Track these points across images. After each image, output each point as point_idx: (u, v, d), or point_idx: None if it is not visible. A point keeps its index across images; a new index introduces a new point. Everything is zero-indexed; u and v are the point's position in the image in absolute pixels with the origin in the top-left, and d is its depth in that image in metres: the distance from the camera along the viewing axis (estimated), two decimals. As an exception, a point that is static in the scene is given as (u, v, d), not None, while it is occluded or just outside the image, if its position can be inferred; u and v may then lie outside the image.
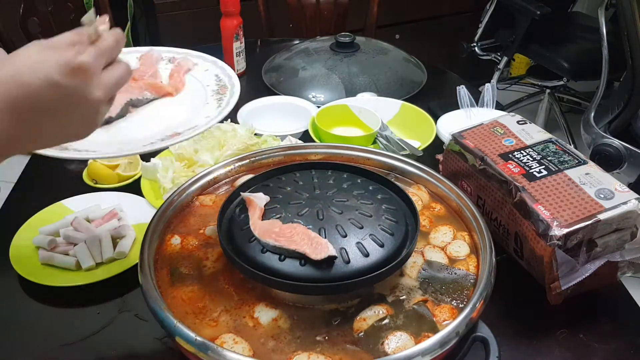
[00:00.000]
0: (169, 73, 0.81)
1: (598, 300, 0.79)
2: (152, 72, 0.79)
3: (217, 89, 0.78)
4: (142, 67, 0.80)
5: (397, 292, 0.65)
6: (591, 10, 2.80)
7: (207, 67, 0.83)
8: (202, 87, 0.79)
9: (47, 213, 0.91)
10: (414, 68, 1.42)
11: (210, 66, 0.83)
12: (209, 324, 0.61)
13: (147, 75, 0.78)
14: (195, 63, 0.84)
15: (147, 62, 0.81)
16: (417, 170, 0.81)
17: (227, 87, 0.78)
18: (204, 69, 0.83)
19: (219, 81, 0.80)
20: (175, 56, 0.84)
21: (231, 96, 0.76)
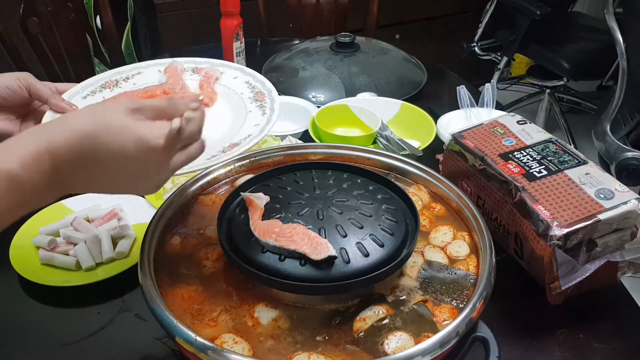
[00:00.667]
0: (196, 84, 0.80)
1: (598, 300, 0.79)
2: (181, 84, 0.78)
3: (253, 96, 0.77)
4: (170, 80, 0.79)
5: (397, 292, 0.65)
6: (591, 10, 2.81)
7: (235, 74, 0.82)
8: (237, 95, 0.78)
9: (47, 213, 0.91)
10: (414, 68, 1.42)
11: (239, 74, 0.82)
12: (208, 324, 0.61)
13: (177, 87, 0.77)
14: (222, 72, 0.82)
15: (172, 74, 0.80)
16: (417, 170, 0.81)
17: (263, 93, 0.77)
18: (232, 77, 0.82)
19: (253, 88, 0.79)
20: (198, 66, 0.83)
21: (272, 102, 0.75)
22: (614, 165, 1.70)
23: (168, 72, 0.80)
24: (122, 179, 0.52)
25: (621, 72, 1.76)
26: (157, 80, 0.79)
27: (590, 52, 2.31)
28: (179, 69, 0.80)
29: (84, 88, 0.76)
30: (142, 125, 0.50)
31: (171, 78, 0.78)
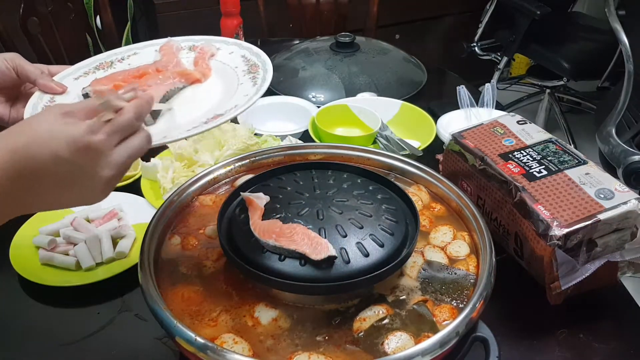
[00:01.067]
0: (192, 61, 0.79)
1: (598, 300, 0.79)
2: (175, 61, 0.76)
3: (247, 68, 0.76)
4: (164, 58, 0.77)
5: (397, 292, 0.65)
6: (591, 10, 2.81)
7: (231, 49, 0.80)
8: (231, 69, 0.76)
9: (47, 213, 0.91)
10: (414, 68, 1.42)
11: (235, 48, 0.80)
12: (208, 324, 0.61)
13: (170, 65, 0.75)
14: (218, 47, 0.81)
15: (167, 52, 0.78)
16: (417, 170, 0.81)
17: (257, 65, 0.76)
18: (228, 52, 0.80)
19: (247, 61, 0.77)
20: (195, 44, 0.81)
21: (265, 72, 0.73)
22: (621, 169, 1.70)
23: (163, 50, 0.78)
24: (67, 188, 0.49)
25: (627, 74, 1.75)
26: (152, 60, 0.77)
27: (590, 52, 2.31)
28: (174, 47, 0.78)
29: (77, 69, 0.75)
30: (71, 127, 0.48)
31: (166, 56, 0.76)
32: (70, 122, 0.49)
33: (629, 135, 1.73)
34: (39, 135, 0.47)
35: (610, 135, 1.73)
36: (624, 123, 1.75)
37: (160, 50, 0.79)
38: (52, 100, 0.68)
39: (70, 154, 0.47)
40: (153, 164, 0.98)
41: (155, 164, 0.98)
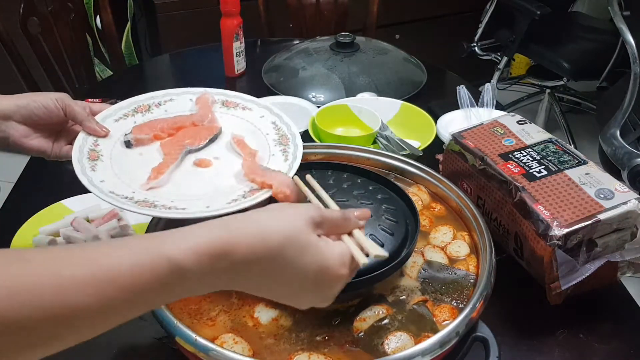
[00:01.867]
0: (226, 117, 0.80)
1: (598, 300, 0.79)
2: (210, 117, 0.78)
3: (277, 138, 0.76)
4: (200, 112, 0.79)
5: (397, 292, 0.65)
6: (591, 10, 2.80)
7: (262, 113, 0.81)
8: (263, 135, 0.77)
9: (47, 213, 0.91)
10: (414, 68, 1.42)
11: (266, 113, 0.80)
12: (208, 324, 0.61)
13: (206, 120, 0.77)
14: (250, 108, 0.81)
15: (203, 105, 0.80)
16: (417, 170, 0.81)
17: (288, 137, 0.76)
18: (259, 115, 0.80)
19: (278, 130, 0.77)
20: (228, 99, 0.82)
21: (296, 148, 0.73)
22: (626, 171, 1.69)
23: (199, 103, 0.80)
24: (294, 292, 0.51)
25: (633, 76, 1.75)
26: (187, 109, 0.80)
27: (590, 52, 2.31)
28: (209, 101, 0.80)
29: (117, 111, 0.77)
30: (325, 248, 0.49)
31: (201, 109, 0.78)
32: (322, 238, 0.50)
33: (633, 137, 1.73)
34: (299, 242, 0.48)
35: (614, 137, 1.73)
36: (628, 125, 1.74)
37: (197, 103, 0.80)
38: (96, 142, 0.72)
39: (318, 274, 0.49)
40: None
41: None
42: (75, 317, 0.41)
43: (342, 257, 0.50)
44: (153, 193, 0.65)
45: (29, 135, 0.72)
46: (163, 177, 0.67)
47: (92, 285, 0.40)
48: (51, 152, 0.75)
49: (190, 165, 0.72)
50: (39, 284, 0.39)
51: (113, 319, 0.44)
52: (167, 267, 0.43)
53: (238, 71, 1.42)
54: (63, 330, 0.42)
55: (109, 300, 0.41)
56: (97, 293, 0.40)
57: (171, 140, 0.74)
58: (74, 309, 0.40)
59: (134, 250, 0.43)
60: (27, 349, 0.40)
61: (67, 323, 0.41)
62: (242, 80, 1.44)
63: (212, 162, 0.72)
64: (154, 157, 0.71)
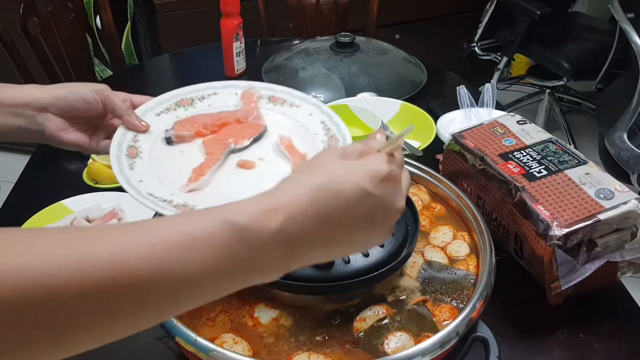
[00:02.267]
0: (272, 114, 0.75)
1: (598, 300, 0.79)
2: (255, 114, 0.74)
3: (326, 139, 0.71)
4: (245, 107, 0.74)
5: (397, 292, 0.65)
6: (591, 10, 2.81)
7: (310, 110, 0.75)
8: (312, 135, 0.72)
9: (47, 213, 0.91)
10: (414, 68, 1.42)
11: (315, 110, 0.75)
12: (208, 324, 0.61)
13: (250, 117, 0.73)
14: (298, 105, 0.76)
15: (248, 100, 0.75)
16: (417, 170, 0.81)
17: (338, 139, 0.70)
18: (308, 113, 0.75)
19: (328, 131, 0.72)
20: (274, 95, 0.77)
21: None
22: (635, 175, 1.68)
23: (244, 98, 0.76)
24: (371, 222, 0.47)
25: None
26: (232, 104, 0.75)
27: (590, 52, 2.30)
28: (255, 96, 0.76)
29: (158, 104, 0.73)
30: (369, 161, 0.47)
31: (246, 105, 0.74)
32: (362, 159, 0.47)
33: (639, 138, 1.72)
34: (336, 171, 0.45)
35: (621, 139, 1.72)
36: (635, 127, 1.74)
37: (242, 98, 0.76)
38: (136, 138, 0.68)
39: (374, 186, 0.45)
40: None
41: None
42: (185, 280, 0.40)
43: (385, 157, 0.48)
44: (193, 196, 0.61)
45: (65, 129, 0.68)
46: (204, 178, 0.63)
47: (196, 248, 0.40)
48: (88, 146, 0.71)
49: (233, 166, 0.67)
50: (147, 243, 0.38)
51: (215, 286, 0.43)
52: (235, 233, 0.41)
53: (238, 71, 1.42)
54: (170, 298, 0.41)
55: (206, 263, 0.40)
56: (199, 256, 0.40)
57: (214, 138, 0.70)
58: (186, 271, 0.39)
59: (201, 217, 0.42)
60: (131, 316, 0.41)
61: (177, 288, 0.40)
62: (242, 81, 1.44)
63: (256, 163, 0.68)
64: (195, 156, 0.67)
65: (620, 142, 1.71)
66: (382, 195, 0.46)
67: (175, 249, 0.39)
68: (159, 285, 0.39)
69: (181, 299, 0.41)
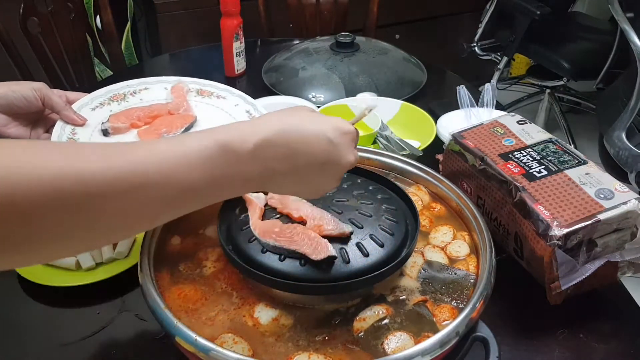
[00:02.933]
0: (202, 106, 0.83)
1: (598, 300, 0.79)
2: (185, 106, 0.81)
3: None
4: (176, 100, 0.81)
5: (397, 292, 0.65)
6: (591, 10, 2.80)
7: (236, 102, 0.84)
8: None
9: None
10: (414, 68, 1.42)
11: (240, 101, 0.84)
12: (208, 324, 0.61)
13: (181, 109, 0.80)
14: (224, 97, 0.85)
15: (178, 94, 0.82)
16: (417, 170, 0.81)
17: None
18: (234, 104, 0.83)
19: (251, 116, 0.81)
20: (202, 88, 0.85)
21: None
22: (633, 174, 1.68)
23: (174, 92, 0.82)
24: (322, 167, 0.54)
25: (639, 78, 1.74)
26: (162, 98, 0.82)
27: (590, 52, 2.30)
28: (184, 90, 0.83)
29: (93, 99, 0.79)
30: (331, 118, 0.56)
31: (177, 98, 0.81)
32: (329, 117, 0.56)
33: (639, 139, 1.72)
34: (305, 118, 0.54)
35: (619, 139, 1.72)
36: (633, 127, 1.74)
37: (172, 92, 0.83)
38: (74, 131, 0.74)
39: (335, 136, 0.54)
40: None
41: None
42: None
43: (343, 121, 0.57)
44: None
45: (7, 124, 0.74)
46: None
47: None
48: (29, 138, 0.76)
49: None
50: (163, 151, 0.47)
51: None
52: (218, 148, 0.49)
53: (238, 71, 1.42)
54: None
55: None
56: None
57: (148, 129, 0.76)
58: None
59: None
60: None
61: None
62: (242, 80, 1.44)
63: None
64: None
65: (618, 141, 1.71)
66: (339, 144, 0.54)
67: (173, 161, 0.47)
68: (162, 189, 0.46)
69: (173, 203, 0.49)
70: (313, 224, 0.63)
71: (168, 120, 0.77)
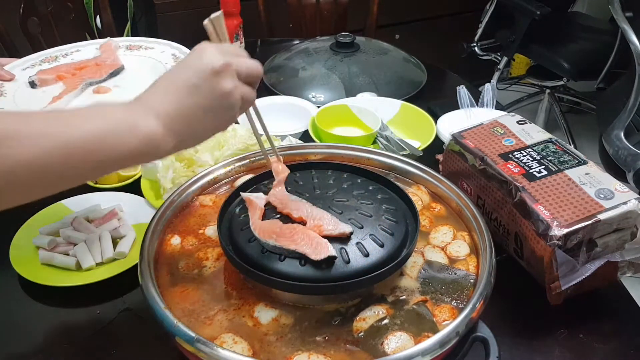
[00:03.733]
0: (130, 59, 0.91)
1: (598, 300, 0.79)
2: (113, 58, 0.88)
3: (175, 64, 0.89)
4: (104, 55, 0.87)
5: (397, 292, 0.65)
6: (591, 10, 2.80)
7: (163, 49, 0.94)
8: (162, 65, 0.89)
9: (47, 213, 0.91)
10: (414, 68, 1.42)
11: (167, 48, 0.94)
12: (208, 324, 0.61)
13: (109, 61, 0.87)
14: (152, 47, 0.94)
15: (106, 50, 0.89)
16: (417, 170, 0.81)
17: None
18: (160, 51, 0.93)
19: (177, 59, 0.91)
20: (131, 44, 0.94)
21: None
22: (631, 173, 1.68)
23: (103, 49, 0.89)
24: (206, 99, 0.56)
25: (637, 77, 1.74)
26: (92, 57, 0.90)
27: (590, 52, 2.31)
28: (113, 46, 0.90)
29: (25, 62, 0.85)
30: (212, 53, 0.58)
31: (105, 53, 0.87)
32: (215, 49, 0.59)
33: (638, 138, 1.72)
34: (192, 58, 0.58)
35: (618, 138, 1.72)
36: (632, 126, 1.74)
37: (101, 48, 0.90)
38: (2, 86, 0.79)
39: (187, 55, 0.59)
40: (153, 164, 0.98)
41: (155, 164, 0.98)
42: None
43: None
44: None
45: None
46: (61, 101, 0.74)
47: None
48: None
49: (90, 94, 0.80)
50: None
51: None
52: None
53: (238, 71, 1.42)
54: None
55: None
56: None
57: (73, 78, 0.81)
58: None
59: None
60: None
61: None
62: (242, 80, 1.44)
63: (112, 89, 0.81)
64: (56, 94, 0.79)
65: (617, 140, 1.71)
66: (196, 53, 0.58)
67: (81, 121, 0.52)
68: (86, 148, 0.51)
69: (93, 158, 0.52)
70: (313, 224, 0.63)
71: (94, 69, 0.83)
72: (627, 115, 1.72)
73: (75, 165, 0.51)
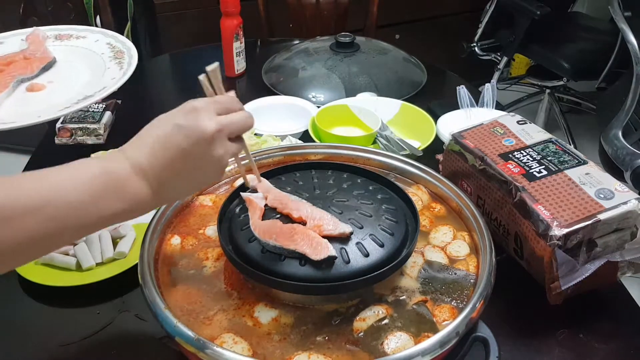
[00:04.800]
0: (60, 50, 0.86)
1: (598, 300, 0.79)
2: (42, 50, 0.83)
3: (113, 54, 0.85)
4: (32, 47, 0.83)
5: (397, 292, 0.65)
6: (591, 10, 2.80)
7: (96, 38, 0.89)
8: (97, 55, 0.85)
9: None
10: (414, 68, 1.42)
11: (101, 37, 0.89)
12: (208, 324, 0.61)
13: (38, 53, 0.82)
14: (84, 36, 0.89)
15: (34, 41, 0.85)
16: (417, 170, 0.81)
17: (123, 51, 0.84)
18: (94, 40, 0.89)
19: (113, 48, 0.86)
20: (60, 33, 0.89)
21: (131, 58, 0.82)
22: (629, 172, 1.69)
23: (30, 40, 0.84)
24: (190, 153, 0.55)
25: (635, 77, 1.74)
26: (18, 49, 0.85)
27: (590, 52, 2.30)
28: (40, 36, 0.86)
29: None
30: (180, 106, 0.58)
31: (33, 45, 0.84)
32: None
33: (636, 137, 1.72)
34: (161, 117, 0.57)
35: (616, 137, 1.72)
36: (630, 125, 1.74)
37: (27, 39, 0.85)
38: None
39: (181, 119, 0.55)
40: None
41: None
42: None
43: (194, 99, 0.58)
44: None
45: None
46: None
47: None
48: None
49: (23, 92, 0.76)
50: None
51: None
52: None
53: (238, 71, 1.42)
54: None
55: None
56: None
57: (1, 74, 0.77)
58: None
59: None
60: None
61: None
62: (242, 80, 1.44)
63: (46, 85, 0.77)
64: None
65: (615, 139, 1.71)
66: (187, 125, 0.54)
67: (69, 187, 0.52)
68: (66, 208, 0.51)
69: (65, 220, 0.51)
70: (313, 224, 0.63)
71: (23, 64, 0.78)
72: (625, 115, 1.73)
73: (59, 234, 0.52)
